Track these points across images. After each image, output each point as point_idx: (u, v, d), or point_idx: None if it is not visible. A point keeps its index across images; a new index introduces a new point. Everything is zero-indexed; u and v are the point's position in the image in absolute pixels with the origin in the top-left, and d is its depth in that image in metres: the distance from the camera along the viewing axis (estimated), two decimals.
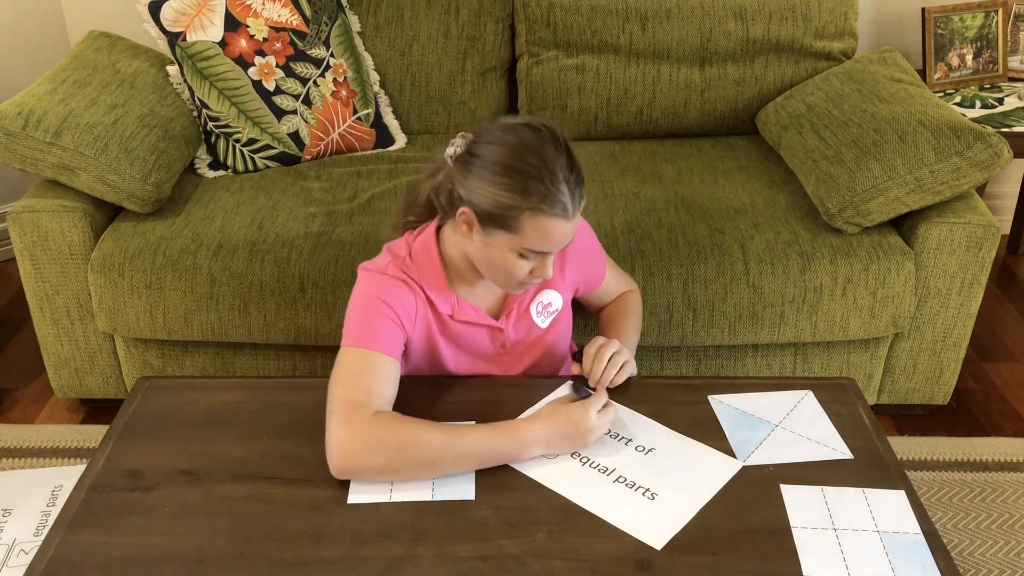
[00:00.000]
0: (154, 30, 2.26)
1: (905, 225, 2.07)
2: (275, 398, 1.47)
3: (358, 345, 1.36)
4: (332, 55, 2.37)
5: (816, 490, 1.30)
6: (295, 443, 1.37)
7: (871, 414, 1.46)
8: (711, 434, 1.40)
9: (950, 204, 2.02)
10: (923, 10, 2.58)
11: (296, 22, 2.33)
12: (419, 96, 2.51)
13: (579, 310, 1.73)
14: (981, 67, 2.65)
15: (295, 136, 2.32)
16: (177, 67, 2.28)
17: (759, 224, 2.07)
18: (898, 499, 1.28)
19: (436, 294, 1.44)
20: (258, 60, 2.28)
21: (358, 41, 2.46)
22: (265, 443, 1.37)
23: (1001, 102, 2.55)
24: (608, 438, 1.39)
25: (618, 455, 1.35)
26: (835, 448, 1.38)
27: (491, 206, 1.31)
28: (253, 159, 2.31)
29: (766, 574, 1.16)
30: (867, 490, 1.30)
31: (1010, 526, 1.95)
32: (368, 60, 2.47)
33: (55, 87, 2.10)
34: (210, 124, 2.28)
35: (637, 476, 1.31)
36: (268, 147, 2.30)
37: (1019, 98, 2.57)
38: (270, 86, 2.29)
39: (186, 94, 2.29)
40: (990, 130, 1.95)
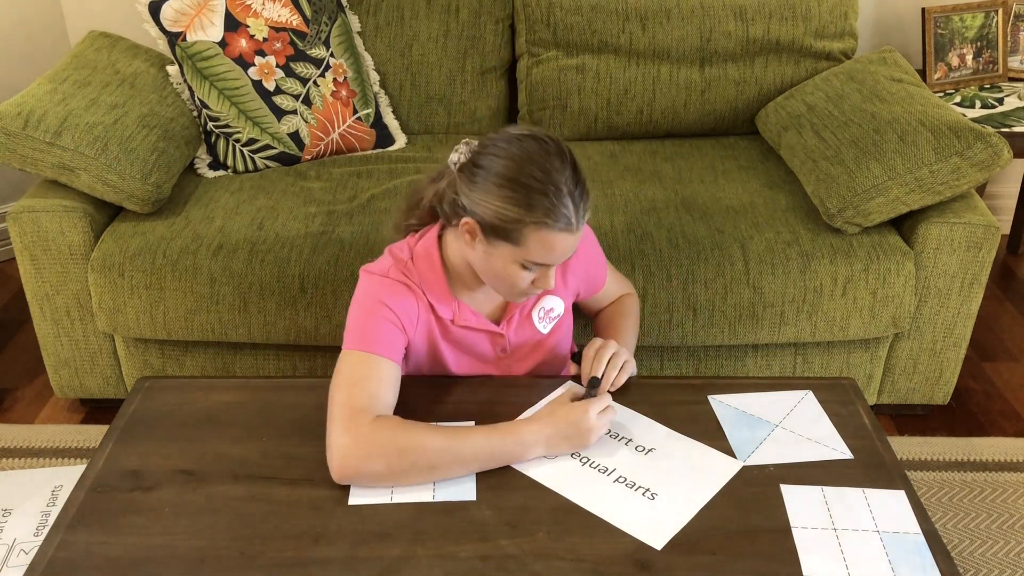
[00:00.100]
0: (154, 30, 2.26)
1: (905, 225, 2.07)
2: (275, 398, 1.47)
3: (359, 349, 1.36)
4: (332, 55, 2.37)
5: (816, 490, 1.30)
6: (295, 443, 1.37)
7: (871, 414, 1.46)
8: (711, 434, 1.40)
9: (950, 204, 2.02)
10: (923, 10, 2.58)
11: (296, 22, 2.33)
12: (419, 96, 2.51)
13: (578, 311, 1.73)
14: (981, 67, 2.65)
15: (295, 136, 2.32)
16: (177, 67, 2.28)
17: (759, 224, 2.07)
18: (898, 499, 1.28)
19: (437, 299, 1.44)
20: (258, 60, 2.28)
21: (358, 41, 2.46)
22: (265, 443, 1.37)
23: (1001, 102, 2.55)
24: (608, 438, 1.39)
25: (618, 455, 1.35)
26: (835, 448, 1.38)
27: (494, 219, 1.30)
28: (253, 159, 2.31)
29: (766, 574, 1.16)
30: (867, 490, 1.30)
31: (1010, 526, 1.95)
32: (368, 60, 2.47)
33: (55, 87, 2.10)
34: (210, 124, 2.28)
35: (637, 476, 1.31)
36: (268, 147, 2.30)
37: (1019, 98, 2.57)
38: (270, 86, 2.29)
39: (186, 94, 2.29)
40: (990, 130, 1.95)
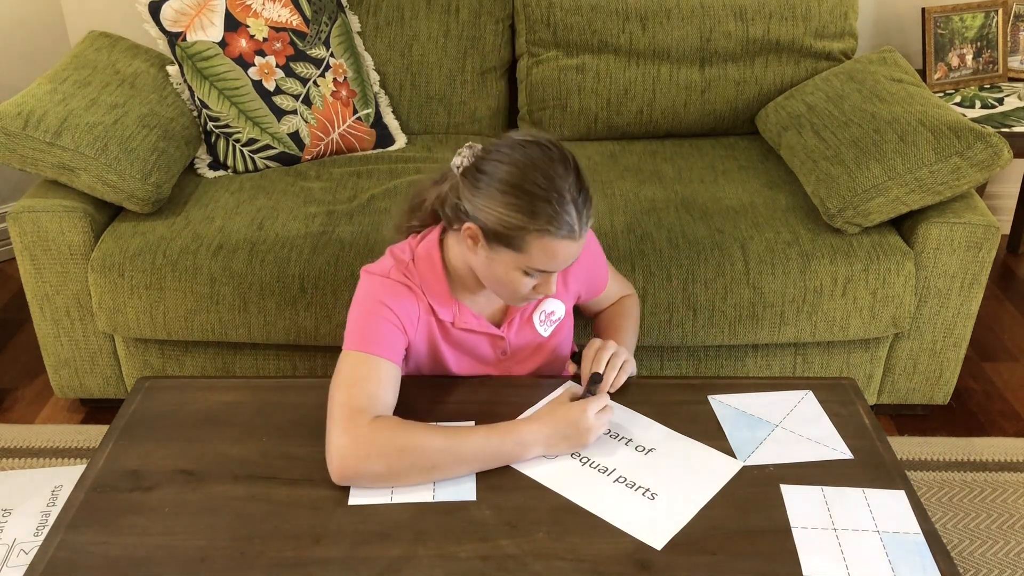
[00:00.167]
0: (154, 30, 2.26)
1: (905, 225, 2.07)
2: (275, 398, 1.47)
3: (359, 349, 1.36)
4: (332, 55, 2.37)
5: (816, 490, 1.30)
6: (295, 443, 1.37)
7: (871, 414, 1.46)
8: (711, 434, 1.40)
9: (950, 204, 2.02)
10: (923, 10, 2.58)
11: (296, 22, 2.33)
12: (419, 96, 2.51)
13: (578, 312, 1.73)
14: (981, 67, 2.65)
15: (295, 136, 2.32)
16: (177, 67, 2.28)
17: (759, 224, 2.07)
18: (898, 499, 1.28)
19: (438, 301, 1.44)
20: (258, 60, 2.28)
21: (358, 41, 2.46)
22: (265, 443, 1.37)
23: (1001, 102, 2.55)
24: (608, 438, 1.39)
25: (618, 455, 1.35)
26: (835, 448, 1.38)
27: (497, 225, 1.30)
28: (253, 159, 2.31)
29: (766, 574, 1.16)
30: (867, 490, 1.30)
31: (1010, 526, 1.95)
32: (368, 60, 2.47)
33: (55, 87, 2.10)
34: (210, 124, 2.28)
35: (637, 476, 1.31)
36: (268, 147, 2.30)
37: (1019, 98, 2.57)
38: (270, 86, 2.29)
39: (186, 94, 2.29)
40: (990, 130, 1.95)
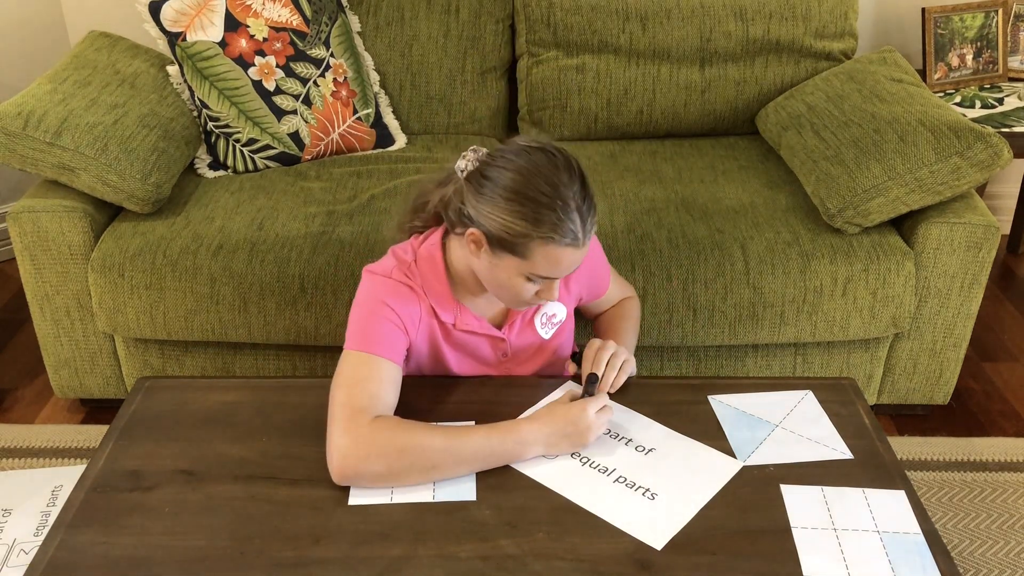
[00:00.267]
0: (154, 30, 2.26)
1: (905, 225, 2.07)
2: (275, 398, 1.47)
3: (360, 349, 1.36)
4: (332, 55, 2.37)
5: (816, 490, 1.30)
6: (295, 443, 1.37)
7: (871, 414, 1.46)
8: (711, 434, 1.40)
9: (950, 204, 2.02)
10: (923, 10, 2.58)
11: (296, 22, 2.33)
12: (419, 96, 2.51)
13: (578, 313, 1.73)
14: (981, 67, 2.65)
15: (295, 136, 2.32)
16: (177, 67, 2.28)
17: (759, 224, 2.07)
18: (898, 499, 1.28)
19: (439, 303, 1.44)
20: (258, 60, 2.28)
21: (358, 41, 2.46)
22: (265, 443, 1.37)
23: (1001, 102, 2.55)
24: (608, 438, 1.39)
25: (618, 455, 1.35)
26: (835, 448, 1.38)
27: (501, 231, 1.30)
28: (253, 159, 2.31)
29: (766, 574, 1.16)
30: (867, 490, 1.30)
31: (1010, 526, 1.95)
32: (368, 60, 2.47)
33: (55, 87, 2.10)
34: (210, 124, 2.28)
35: (637, 476, 1.31)
36: (268, 147, 2.30)
37: (1019, 98, 2.57)
38: (270, 86, 2.29)
39: (186, 94, 2.29)
40: (990, 130, 1.95)
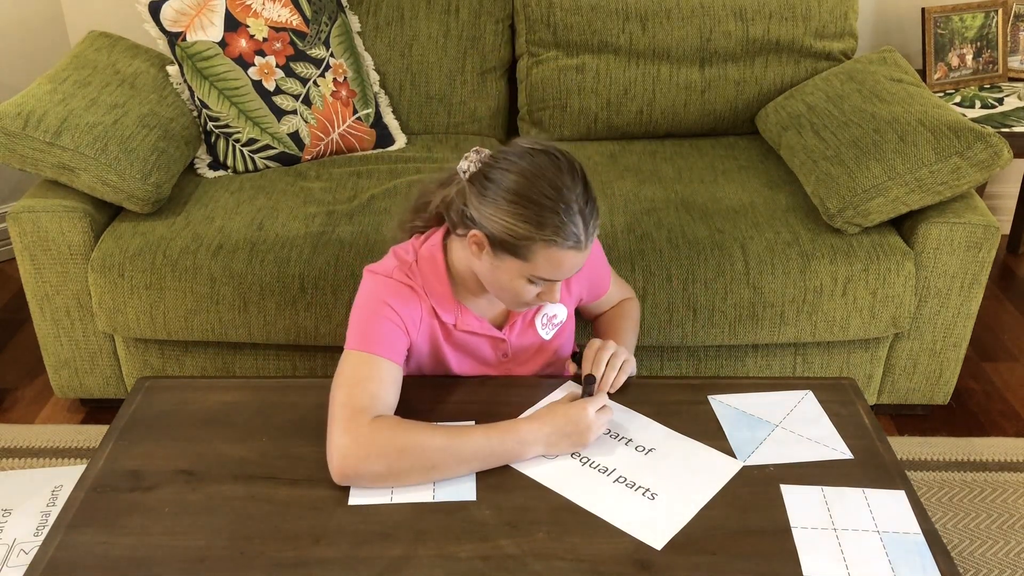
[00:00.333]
0: (154, 30, 2.26)
1: (905, 225, 2.07)
2: (275, 398, 1.47)
3: (361, 349, 1.36)
4: (332, 55, 2.37)
5: (816, 490, 1.30)
6: (295, 443, 1.37)
7: (871, 414, 1.46)
8: (711, 434, 1.40)
9: (950, 204, 2.02)
10: (923, 10, 2.58)
11: (296, 22, 2.33)
12: (419, 96, 2.51)
13: (577, 314, 1.73)
14: (981, 67, 2.65)
15: (295, 136, 2.32)
16: (177, 67, 2.28)
17: (759, 224, 2.07)
18: (898, 499, 1.28)
19: (440, 303, 1.44)
20: (258, 60, 2.28)
21: (358, 41, 2.46)
22: (265, 443, 1.37)
23: (1001, 102, 2.55)
24: (608, 438, 1.39)
25: (618, 455, 1.35)
26: (835, 448, 1.38)
27: (503, 234, 1.30)
28: (253, 159, 2.31)
29: (766, 574, 1.16)
30: (867, 490, 1.30)
31: (1010, 526, 1.95)
32: (368, 60, 2.47)
33: (55, 87, 2.10)
34: (210, 124, 2.28)
35: (637, 476, 1.31)
36: (268, 147, 2.30)
37: (1019, 98, 2.57)
38: (270, 86, 2.29)
39: (186, 94, 2.29)
40: (990, 130, 1.95)
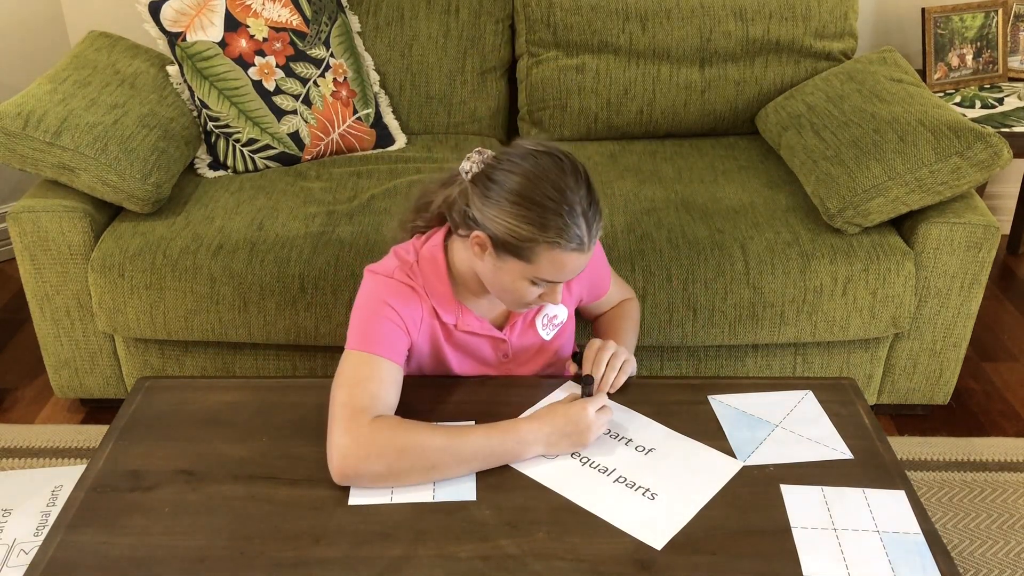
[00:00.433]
0: (154, 30, 2.26)
1: (905, 225, 2.07)
2: (275, 398, 1.47)
3: (362, 349, 1.36)
4: (332, 55, 2.37)
5: (816, 490, 1.30)
6: (295, 443, 1.37)
7: (871, 414, 1.46)
8: (711, 434, 1.40)
9: (950, 204, 2.02)
10: (923, 10, 2.58)
11: (296, 22, 2.33)
12: (419, 96, 2.51)
13: (577, 314, 1.73)
14: (981, 67, 2.65)
15: (295, 136, 2.32)
16: (177, 67, 2.28)
17: (759, 224, 2.07)
18: (898, 499, 1.28)
19: (441, 304, 1.44)
20: (258, 60, 2.28)
21: (358, 41, 2.46)
22: (265, 443, 1.37)
23: (1001, 102, 2.55)
24: (608, 438, 1.39)
25: (618, 455, 1.35)
26: (835, 448, 1.38)
27: (506, 235, 1.30)
28: (253, 159, 2.31)
29: (766, 574, 1.16)
30: (867, 490, 1.30)
31: (1010, 526, 1.95)
32: (368, 60, 2.47)
33: (55, 87, 2.10)
34: (210, 124, 2.28)
35: (637, 476, 1.31)
36: (268, 147, 2.30)
37: (1019, 98, 2.57)
38: (270, 86, 2.29)
39: (186, 94, 2.29)
40: (990, 130, 1.95)
